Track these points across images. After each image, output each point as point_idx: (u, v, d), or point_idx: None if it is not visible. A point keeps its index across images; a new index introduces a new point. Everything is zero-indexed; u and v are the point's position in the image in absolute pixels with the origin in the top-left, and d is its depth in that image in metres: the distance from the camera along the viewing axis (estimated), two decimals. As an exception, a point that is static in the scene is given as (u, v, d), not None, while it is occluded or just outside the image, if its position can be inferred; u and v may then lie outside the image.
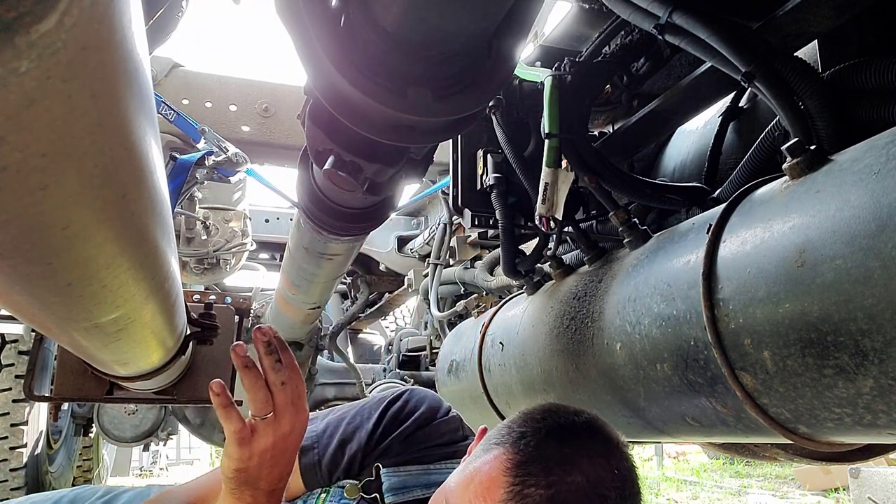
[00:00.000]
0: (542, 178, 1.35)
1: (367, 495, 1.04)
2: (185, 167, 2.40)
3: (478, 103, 0.96)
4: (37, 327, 0.97)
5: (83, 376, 1.52)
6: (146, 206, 0.59)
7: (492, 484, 0.76)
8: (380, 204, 1.53)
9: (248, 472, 0.92)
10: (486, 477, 0.77)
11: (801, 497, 7.36)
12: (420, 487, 1.04)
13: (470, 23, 0.84)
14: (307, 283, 2.68)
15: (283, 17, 0.85)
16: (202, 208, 3.30)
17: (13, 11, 0.26)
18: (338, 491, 1.07)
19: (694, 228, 1.05)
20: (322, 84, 0.91)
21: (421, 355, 4.41)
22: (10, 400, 3.87)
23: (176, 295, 1.00)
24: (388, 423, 1.10)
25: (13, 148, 0.34)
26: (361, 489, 1.05)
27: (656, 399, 1.06)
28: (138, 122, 0.46)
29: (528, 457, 0.77)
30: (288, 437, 0.92)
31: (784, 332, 0.78)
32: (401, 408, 1.12)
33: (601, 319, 1.17)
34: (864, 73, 1.02)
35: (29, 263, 0.47)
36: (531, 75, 1.44)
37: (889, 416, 0.72)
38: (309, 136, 1.13)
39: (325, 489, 1.09)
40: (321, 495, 1.07)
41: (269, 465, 0.92)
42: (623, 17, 1.24)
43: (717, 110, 1.50)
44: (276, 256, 4.81)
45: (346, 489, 1.06)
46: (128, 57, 0.39)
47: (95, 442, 5.84)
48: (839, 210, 0.72)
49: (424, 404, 1.13)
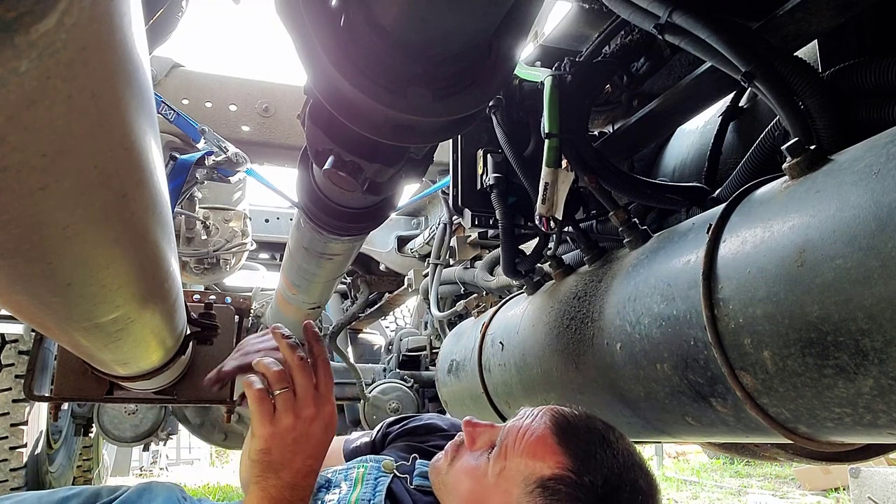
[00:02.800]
0: (542, 178, 1.35)
1: (399, 474, 1.13)
2: (185, 167, 2.40)
3: (478, 103, 0.96)
4: (37, 327, 0.97)
5: (83, 376, 1.52)
6: (146, 206, 0.59)
7: (542, 435, 0.94)
8: (380, 204, 1.53)
9: (271, 454, 0.93)
10: (535, 430, 0.95)
11: (801, 497, 7.36)
12: None
13: (470, 23, 0.84)
14: (307, 283, 2.68)
15: (283, 17, 0.85)
16: (202, 208, 3.30)
17: (13, 11, 0.26)
18: (375, 465, 1.15)
19: (694, 228, 1.05)
20: (322, 84, 0.91)
21: (421, 355, 4.41)
22: (10, 400, 3.87)
23: (176, 295, 1.00)
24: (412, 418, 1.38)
25: (13, 148, 0.34)
26: (396, 469, 1.15)
27: (656, 399, 1.06)
28: (138, 122, 0.46)
29: (573, 421, 0.97)
30: (311, 422, 0.94)
31: (784, 332, 0.78)
32: (422, 417, 1.39)
33: (601, 319, 1.17)
34: (864, 73, 1.02)
35: (29, 263, 0.47)
36: (531, 75, 1.44)
37: (889, 416, 0.72)
38: (309, 136, 1.13)
39: (363, 464, 1.16)
40: (359, 469, 1.15)
41: (292, 449, 0.93)
42: (623, 16, 1.24)
43: (717, 110, 1.50)
44: (276, 256, 4.81)
45: (384, 464, 1.15)
46: (128, 57, 0.39)
47: (95, 442, 5.84)
48: (839, 210, 0.72)
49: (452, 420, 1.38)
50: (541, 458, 0.92)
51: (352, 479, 1.12)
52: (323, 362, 1.00)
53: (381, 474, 1.13)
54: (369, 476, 1.12)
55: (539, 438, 0.94)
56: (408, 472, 1.14)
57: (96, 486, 1.23)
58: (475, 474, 0.98)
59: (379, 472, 1.13)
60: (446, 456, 1.06)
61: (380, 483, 1.10)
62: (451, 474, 1.03)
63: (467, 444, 1.04)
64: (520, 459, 0.93)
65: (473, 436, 1.04)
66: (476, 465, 0.99)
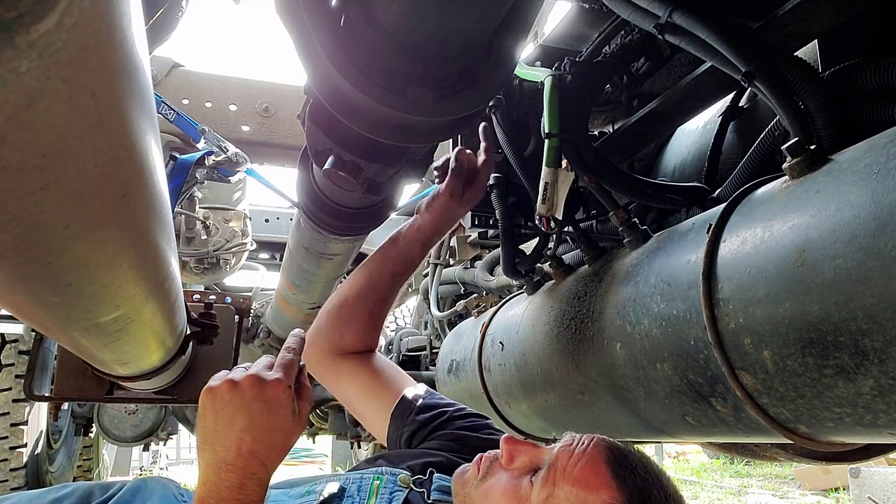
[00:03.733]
0: (542, 178, 1.35)
1: (417, 489, 1.09)
2: (185, 167, 2.40)
3: (478, 103, 0.96)
4: (37, 327, 0.97)
5: (83, 376, 1.52)
6: (146, 206, 0.59)
7: (595, 464, 0.90)
8: (380, 204, 1.53)
9: (205, 420, 0.89)
10: (589, 459, 0.91)
11: (801, 497, 7.36)
12: None
13: (470, 23, 0.84)
14: (307, 282, 2.68)
15: (283, 17, 0.85)
16: (202, 208, 3.30)
17: (13, 11, 0.26)
18: (392, 479, 1.11)
19: (694, 228, 1.05)
20: (322, 84, 0.91)
21: (421, 355, 4.41)
22: (10, 400, 3.87)
23: (176, 295, 1.00)
24: (477, 421, 1.30)
25: (13, 148, 0.34)
26: (413, 483, 1.10)
27: (656, 399, 1.06)
28: (138, 122, 0.46)
29: (630, 456, 0.93)
30: (248, 392, 0.88)
31: (784, 332, 0.78)
32: (491, 427, 1.31)
33: (601, 319, 1.17)
34: (864, 73, 1.02)
35: (29, 263, 0.47)
36: (531, 75, 1.44)
37: (889, 416, 0.72)
38: (309, 136, 1.13)
39: (379, 476, 1.11)
40: (375, 482, 1.11)
41: (227, 423, 0.87)
42: (623, 16, 1.24)
43: (717, 110, 1.50)
44: (276, 256, 4.80)
45: (400, 478, 1.10)
46: (128, 57, 0.39)
47: (95, 442, 5.85)
48: (839, 210, 0.72)
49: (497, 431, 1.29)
50: (594, 489, 0.88)
51: (366, 492, 1.09)
52: (303, 385, 0.97)
53: (398, 489, 1.08)
54: (384, 490, 1.08)
55: (593, 469, 0.90)
56: (425, 487, 1.09)
57: (89, 484, 1.20)
58: (515, 496, 0.94)
59: (395, 487, 1.09)
60: (476, 468, 1.01)
61: (395, 498, 1.06)
62: (480, 490, 0.98)
63: (504, 462, 0.99)
64: (570, 488, 0.89)
65: (512, 454, 0.98)
66: (515, 486, 0.95)
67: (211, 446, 0.88)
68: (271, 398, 0.89)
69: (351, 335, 1.41)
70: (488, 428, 1.30)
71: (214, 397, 0.89)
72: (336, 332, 1.41)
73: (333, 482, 1.11)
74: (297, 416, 0.92)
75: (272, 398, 0.89)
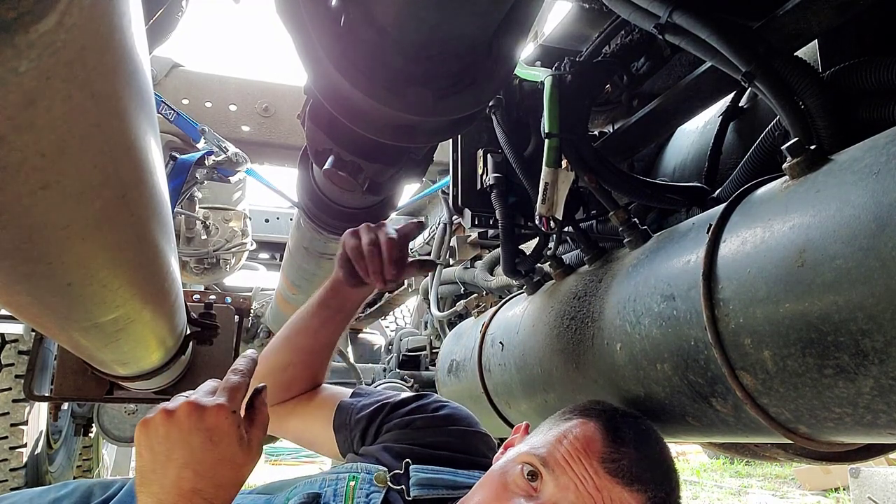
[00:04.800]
0: (542, 178, 1.35)
1: (395, 486, 1.04)
2: (185, 167, 2.40)
3: (478, 103, 0.96)
4: (37, 327, 0.97)
5: (83, 376, 1.52)
6: (146, 206, 0.59)
7: (589, 441, 0.91)
8: (380, 204, 1.53)
9: (141, 458, 0.80)
10: (583, 435, 0.92)
11: (801, 497, 7.36)
12: (446, 487, 1.06)
13: (470, 23, 0.84)
14: (307, 282, 2.68)
15: (283, 17, 0.85)
16: (202, 208, 3.30)
17: (13, 11, 0.26)
18: (367, 477, 1.05)
19: (694, 228, 1.05)
20: (322, 84, 0.91)
21: (421, 355, 4.41)
22: (10, 400, 3.87)
23: (176, 295, 1.00)
24: (421, 401, 1.24)
25: (13, 148, 0.34)
26: (390, 480, 1.05)
27: (656, 399, 1.06)
28: (138, 122, 0.46)
29: (616, 423, 0.94)
30: (187, 430, 0.78)
31: (784, 332, 0.78)
32: (440, 401, 1.25)
33: (601, 319, 1.17)
34: (864, 73, 1.02)
35: (29, 263, 0.47)
36: (531, 75, 1.44)
37: (889, 416, 0.72)
38: (309, 136, 1.13)
39: (354, 476, 1.06)
40: (350, 482, 1.05)
41: (163, 459, 0.78)
42: (623, 16, 1.24)
43: (717, 110, 1.50)
44: (276, 256, 4.81)
45: (376, 476, 1.05)
46: (128, 57, 0.39)
47: (95, 442, 5.85)
48: (839, 210, 0.72)
49: (465, 412, 1.25)
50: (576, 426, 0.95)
51: (341, 496, 1.03)
52: (238, 383, 0.85)
53: (374, 489, 1.03)
54: (360, 491, 1.03)
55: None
56: (402, 483, 1.05)
57: (89, 483, 1.18)
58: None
59: (371, 487, 1.04)
60: None
61: (372, 499, 1.01)
62: None
63: None
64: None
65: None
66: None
67: (147, 488, 0.78)
68: (212, 427, 0.79)
69: (298, 387, 1.36)
70: (425, 402, 1.26)
71: (148, 431, 0.79)
72: (282, 394, 1.34)
73: (310, 489, 1.06)
74: (246, 445, 0.82)
75: (213, 427, 0.79)
